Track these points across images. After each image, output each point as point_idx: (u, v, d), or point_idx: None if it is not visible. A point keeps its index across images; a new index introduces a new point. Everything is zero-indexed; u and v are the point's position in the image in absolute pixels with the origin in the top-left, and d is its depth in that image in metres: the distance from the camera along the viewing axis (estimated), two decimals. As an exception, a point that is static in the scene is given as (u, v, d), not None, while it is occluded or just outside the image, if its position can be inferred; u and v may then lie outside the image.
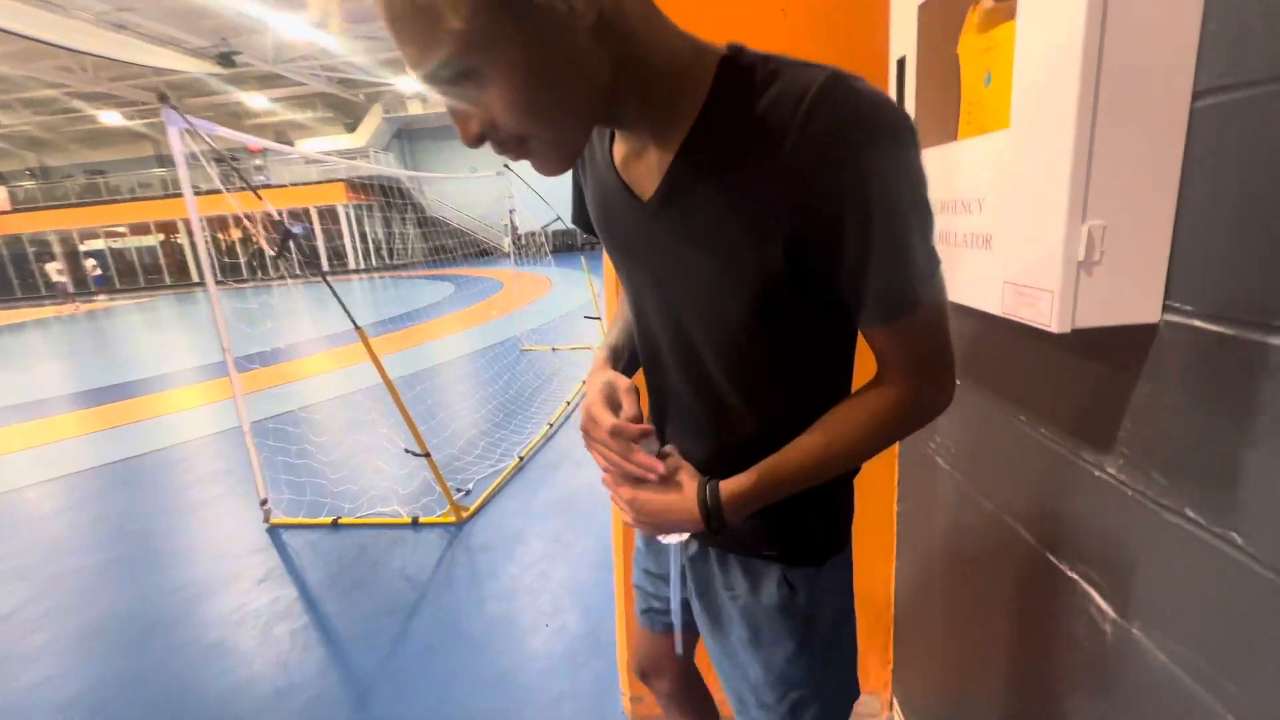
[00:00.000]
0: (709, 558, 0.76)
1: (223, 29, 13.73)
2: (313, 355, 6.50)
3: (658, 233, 0.57)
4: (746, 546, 0.71)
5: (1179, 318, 0.58)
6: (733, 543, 0.71)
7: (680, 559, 0.78)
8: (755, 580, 0.72)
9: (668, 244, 0.57)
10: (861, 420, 0.59)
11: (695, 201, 0.53)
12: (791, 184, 0.47)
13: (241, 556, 2.63)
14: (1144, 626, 0.65)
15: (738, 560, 0.72)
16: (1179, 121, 0.55)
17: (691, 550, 0.77)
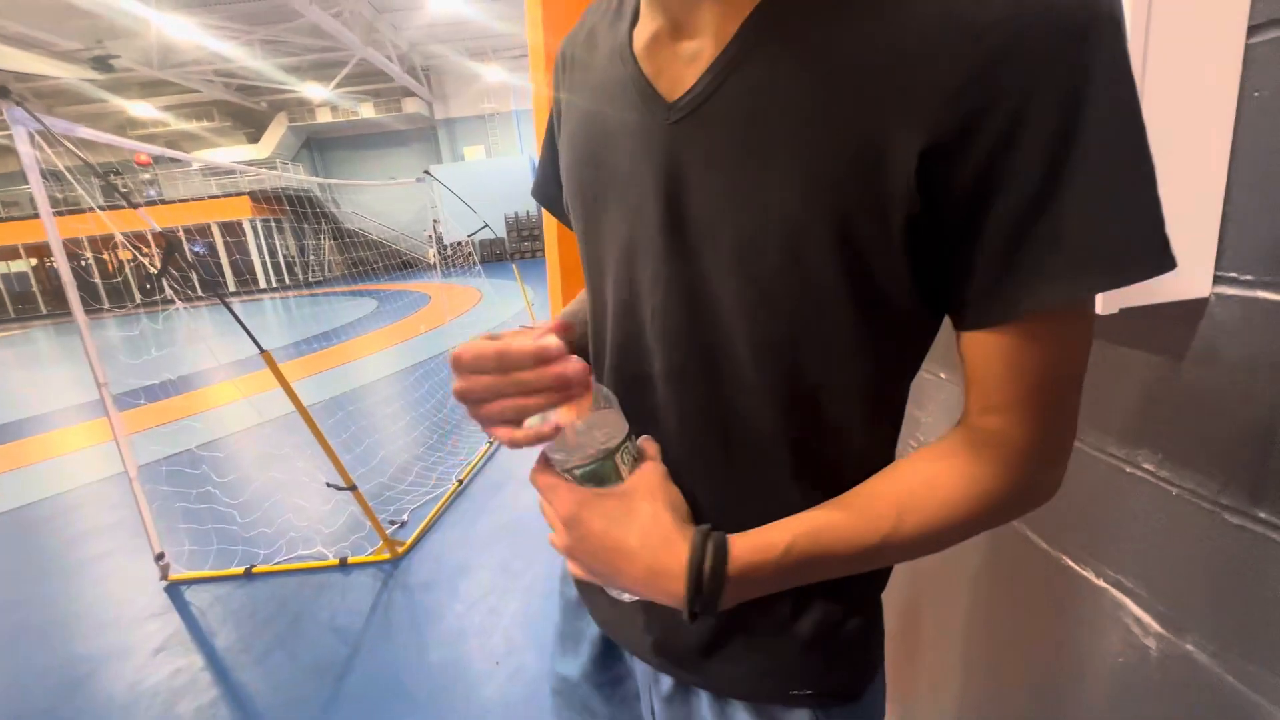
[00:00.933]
0: (695, 703, 0.51)
1: (96, 30, 12.45)
2: (212, 385, 5.88)
3: (687, 146, 0.38)
4: (763, 686, 0.47)
5: (1234, 289, 0.50)
6: (740, 682, 0.48)
7: (647, 694, 0.54)
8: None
9: (704, 162, 0.37)
10: (950, 491, 0.37)
11: (767, 85, 0.34)
12: (949, 59, 0.29)
13: (134, 623, 2.27)
14: (1201, 641, 0.57)
15: (747, 709, 0.48)
16: (1233, 58, 0.47)
17: (665, 688, 0.51)
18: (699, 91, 0.37)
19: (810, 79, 0.33)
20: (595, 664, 0.60)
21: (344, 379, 5.89)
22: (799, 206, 0.34)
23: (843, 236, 0.34)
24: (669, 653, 0.50)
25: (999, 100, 0.29)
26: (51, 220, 2.16)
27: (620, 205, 0.43)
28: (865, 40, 0.32)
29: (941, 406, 0.99)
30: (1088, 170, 0.30)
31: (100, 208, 2.50)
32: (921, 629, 1.14)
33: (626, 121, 0.42)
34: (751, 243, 0.37)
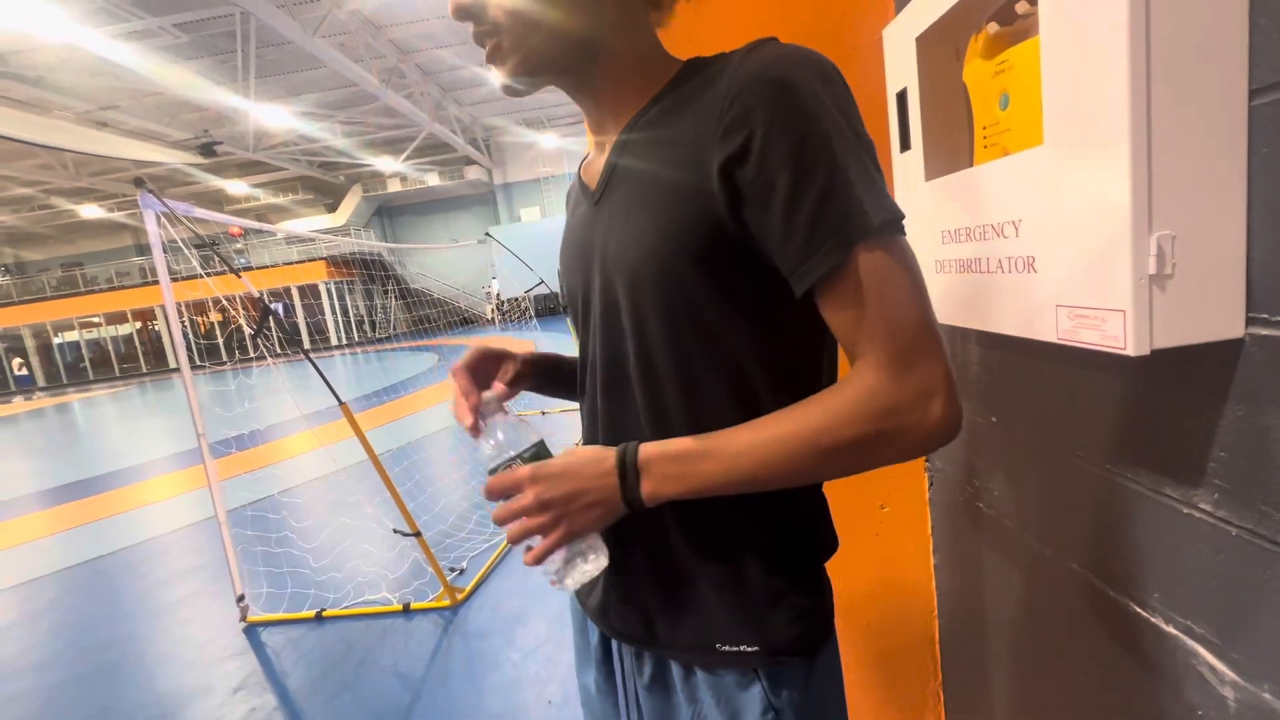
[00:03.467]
0: (669, 681, 0.60)
1: (205, 121, 14.14)
2: (293, 435, 6.29)
3: (602, 215, 0.58)
4: (712, 633, 0.56)
5: (1268, 330, 0.52)
6: (699, 631, 0.56)
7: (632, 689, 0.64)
8: (732, 705, 0.55)
9: (610, 221, 0.56)
10: (819, 409, 0.47)
11: (637, 161, 0.54)
12: (723, 109, 0.47)
13: (215, 663, 2.40)
14: (1277, 689, 0.55)
15: (708, 682, 0.57)
16: (1238, 119, 0.51)
17: (646, 676, 0.62)
18: (600, 183, 0.59)
19: (659, 148, 0.53)
20: (599, 669, 0.69)
21: (407, 430, 6.16)
22: (661, 216, 0.51)
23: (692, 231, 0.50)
24: (645, 622, 0.60)
25: (748, 140, 0.46)
26: (169, 287, 2.45)
27: (574, 274, 0.63)
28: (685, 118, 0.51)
29: (998, 451, 0.99)
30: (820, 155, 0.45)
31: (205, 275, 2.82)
32: (988, 681, 1.09)
33: (576, 213, 0.64)
34: (642, 253, 0.52)
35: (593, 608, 0.66)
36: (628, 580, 0.60)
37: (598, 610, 0.65)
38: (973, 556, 1.10)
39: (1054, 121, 0.60)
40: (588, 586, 0.64)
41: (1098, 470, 0.75)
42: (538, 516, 0.51)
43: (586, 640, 0.70)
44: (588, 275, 0.59)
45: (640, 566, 0.59)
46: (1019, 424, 0.91)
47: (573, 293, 0.65)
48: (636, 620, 0.60)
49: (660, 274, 0.51)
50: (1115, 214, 0.53)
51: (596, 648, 0.68)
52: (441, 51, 12.78)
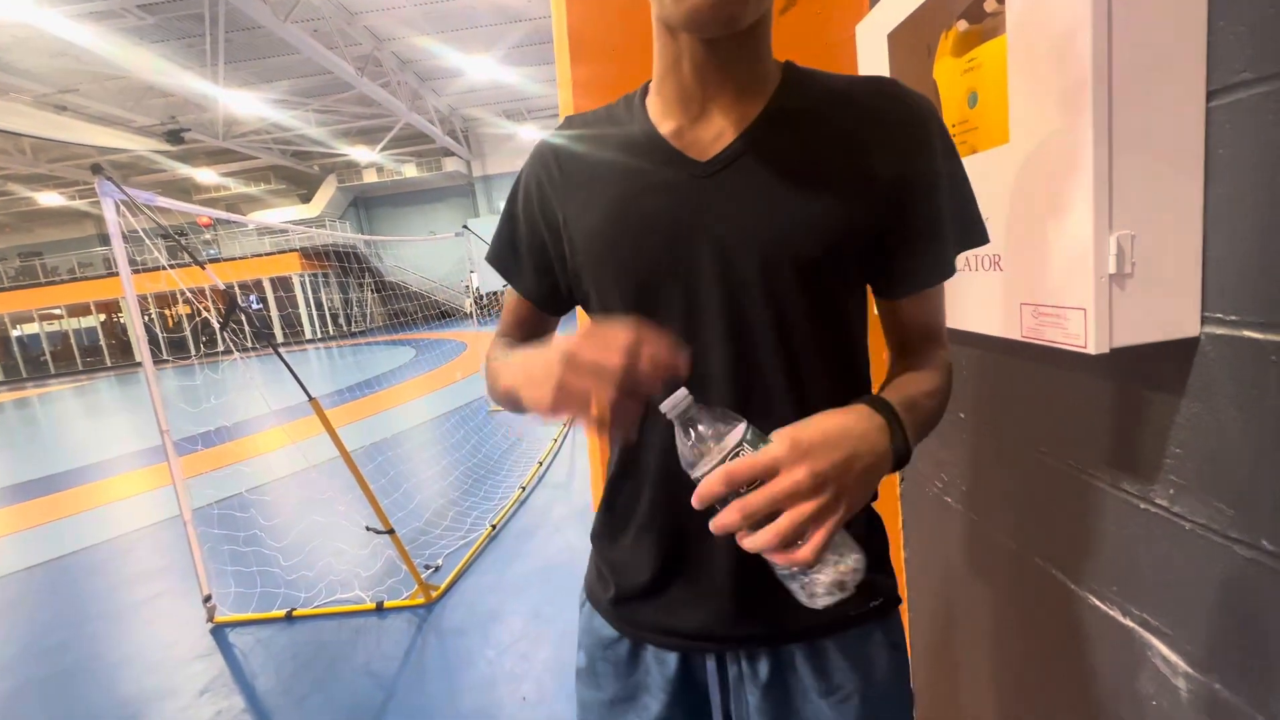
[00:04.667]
0: (792, 668, 0.59)
1: (171, 106, 13.68)
2: (262, 432, 6.13)
3: (721, 189, 0.54)
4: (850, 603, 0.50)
5: (1222, 329, 0.53)
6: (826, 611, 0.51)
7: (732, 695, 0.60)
8: (863, 657, 0.59)
9: (743, 198, 0.53)
10: (942, 373, 0.57)
11: (783, 148, 0.53)
12: (889, 129, 0.53)
13: (180, 664, 2.34)
14: (1228, 682, 0.57)
15: (836, 646, 0.58)
16: (1196, 121, 0.52)
17: (764, 675, 0.59)
18: (727, 156, 0.54)
19: (805, 150, 0.54)
20: (675, 700, 0.61)
21: (382, 425, 6.07)
22: (809, 205, 0.52)
23: (843, 225, 0.52)
24: (774, 620, 0.57)
25: (916, 156, 0.53)
26: (130, 279, 2.37)
27: (660, 245, 0.55)
28: (834, 128, 0.54)
29: (965, 447, 1.00)
30: (956, 193, 0.55)
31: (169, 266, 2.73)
32: (952, 669, 1.11)
33: (660, 180, 0.55)
34: (772, 236, 0.52)
35: (686, 628, 0.60)
36: (747, 580, 0.56)
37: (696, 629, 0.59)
38: (941, 549, 1.11)
39: (1019, 120, 0.60)
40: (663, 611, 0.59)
41: (1061, 466, 0.76)
42: (813, 499, 0.40)
43: (637, 681, 0.63)
44: (690, 255, 0.54)
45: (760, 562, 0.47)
46: (986, 420, 0.92)
47: (649, 275, 0.55)
48: (762, 621, 0.57)
49: (822, 260, 0.52)
50: (1077, 213, 0.54)
51: (672, 678, 0.61)
52: (419, 39, 12.54)
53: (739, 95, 0.54)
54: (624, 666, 0.64)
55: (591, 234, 0.58)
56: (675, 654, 0.61)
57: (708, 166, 0.54)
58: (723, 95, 0.54)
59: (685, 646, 0.61)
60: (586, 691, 0.68)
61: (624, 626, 0.63)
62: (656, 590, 0.60)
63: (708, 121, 0.55)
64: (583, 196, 0.59)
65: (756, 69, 0.54)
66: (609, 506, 0.64)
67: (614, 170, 0.58)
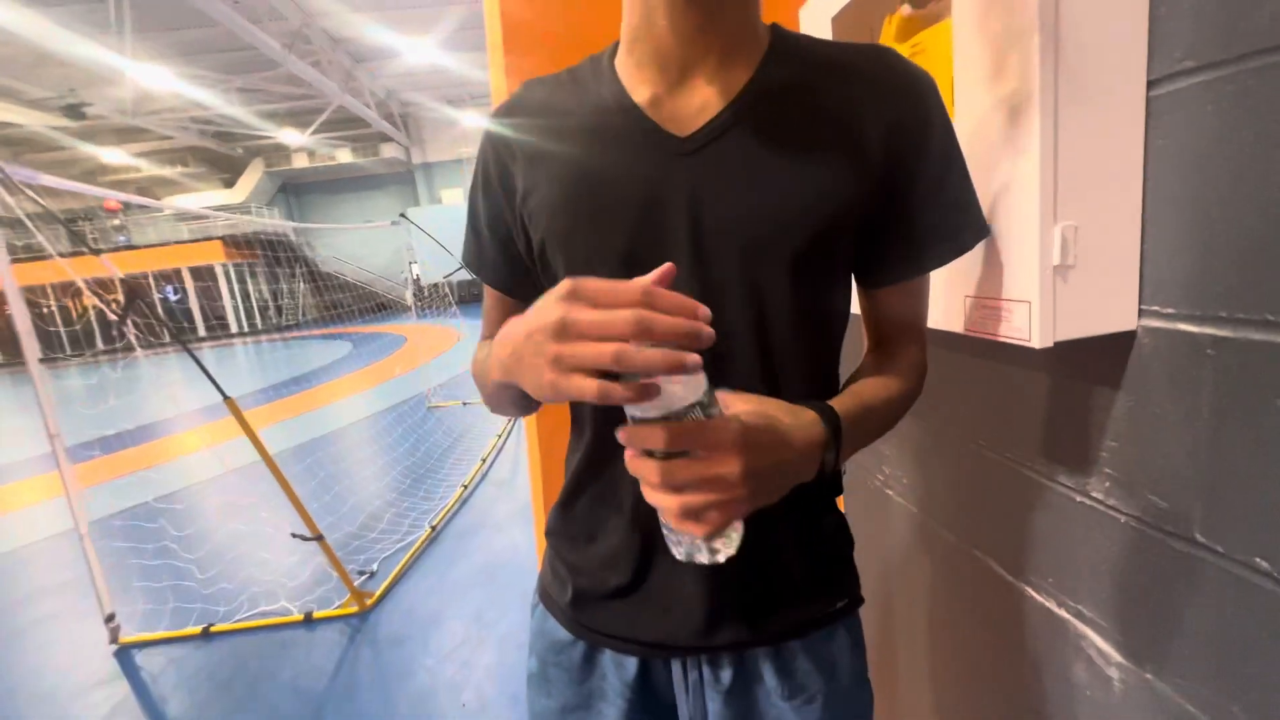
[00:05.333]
0: (756, 673, 0.57)
1: (70, 78, 12.46)
2: (175, 435, 5.68)
3: (704, 166, 0.49)
4: (817, 608, 0.57)
5: (1159, 322, 0.53)
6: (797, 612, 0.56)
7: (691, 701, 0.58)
8: (826, 658, 0.58)
9: (726, 175, 0.49)
10: (903, 381, 0.54)
11: (770, 123, 0.49)
12: (885, 101, 0.49)
13: (78, 693, 2.12)
14: (1160, 671, 0.57)
15: (802, 647, 0.57)
16: (1137, 111, 0.51)
17: (726, 681, 0.57)
18: (709, 131, 0.49)
19: (795, 126, 0.49)
20: (631, 706, 0.59)
21: (315, 424, 5.75)
22: (799, 180, 0.48)
23: (832, 201, 0.48)
24: (744, 629, 0.55)
25: (910, 132, 0.49)
26: (7, 267, 2.11)
27: (635, 224, 0.50)
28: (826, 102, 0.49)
29: (907, 440, 1.00)
30: (951, 182, 0.51)
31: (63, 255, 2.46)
32: (890, 660, 1.12)
33: (634, 157, 0.50)
34: (756, 215, 0.48)
35: (649, 637, 0.57)
36: (717, 590, 0.54)
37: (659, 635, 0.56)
38: (882, 542, 1.12)
39: (964, 108, 0.59)
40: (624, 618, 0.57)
41: (999, 459, 0.76)
42: (733, 491, 0.39)
43: (592, 688, 0.60)
44: (667, 241, 0.49)
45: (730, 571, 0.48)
46: (927, 413, 0.92)
47: (625, 263, 0.50)
48: (731, 628, 0.55)
49: (797, 243, 0.48)
50: (1023, 203, 0.52)
51: (631, 685, 0.58)
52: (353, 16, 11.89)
53: (724, 60, 0.49)
54: (578, 671, 0.61)
55: (555, 213, 0.52)
56: (635, 658, 0.58)
57: (689, 143, 0.49)
58: (706, 59, 0.49)
59: (647, 653, 0.58)
60: (538, 699, 0.64)
61: (581, 630, 0.60)
62: (621, 595, 0.57)
63: (689, 90, 0.50)
64: (545, 170, 0.53)
65: (744, 29, 0.49)
66: (571, 502, 0.60)
67: (580, 141, 0.52)
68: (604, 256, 0.50)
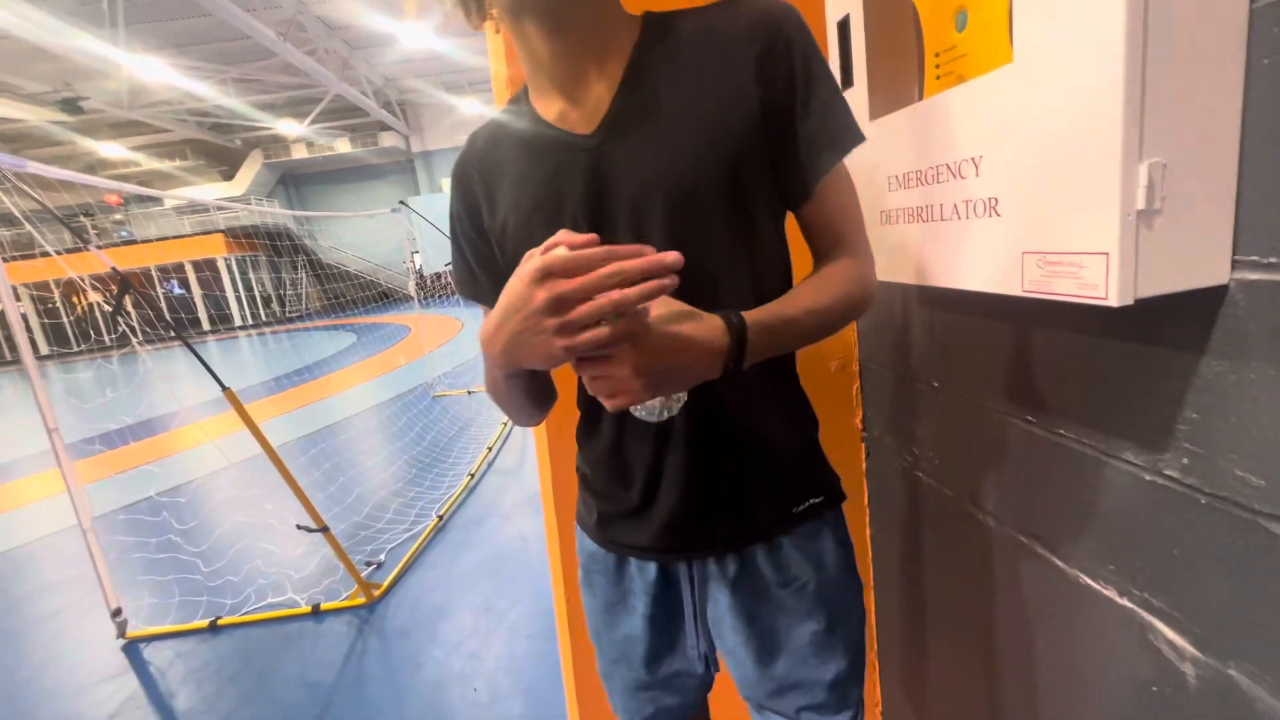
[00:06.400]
0: (754, 566, 0.67)
1: (66, 72, 12.34)
2: (179, 429, 5.64)
3: (611, 153, 0.57)
4: (787, 502, 0.66)
5: (1257, 274, 0.46)
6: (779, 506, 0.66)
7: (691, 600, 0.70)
8: (814, 550, 0.68)
9: (632, 154, 0.56)
10: (841, 279, 0.59)
11: (656, 95, 0.56)
12: (750, 35, 0.55)
13: (86, 688, 2.10)
14: (1246, 668, 0.51)
15: (791, 545, 0.67)
16: (1238, 23, 0.44)
17: (732, 573, 0.67)
18: (606, 120, 0.57)
19: (675, 89, 0.56)
20: (655, 603, 0.70)
21: (320, 415, 5.72)
22: (697, 135, 0.55)
23: (730, 146, 0.55)
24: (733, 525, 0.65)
25: (778, 60, 0.55)
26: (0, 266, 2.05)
27: (559, 219, 0.59)
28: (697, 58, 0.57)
29: (939, 417, 0.93)
30: (820, 91, 0.57)
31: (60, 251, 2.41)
32: (921, 660, 1.07)
33: (558, 163, 0.59)
34: (668, 179, 0.55)
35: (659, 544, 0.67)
36: (706, 498, 0.64)
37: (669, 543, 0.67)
38: (911, 527, 1.06)
39: (1027, 33, 0.51)
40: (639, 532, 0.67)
41: (1048, 435, 0.70)
42: (629, 382, 0.48)
43: (625, 588, 0.72)
44: (607, 222, 0.58)
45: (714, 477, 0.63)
46: (963, 388, 0.85)
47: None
48: (724, 526, 0.65)
49: (712, 188, 0.55)
50: (1102, 139, 0.45)
51: (654, 584, 0.70)
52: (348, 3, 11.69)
53: (601, 59, 0.57)
54: (613, 575, 0.73)
55: (515, 234, 0.61)
56: (654, 563, 0.69)
57: (593, 137, 0.57)
58: (586, 66, 0.57)
59: (662, 558, 0.69)
60: (587, 599, 0.77)
61: (608, 544, 0.72)
62: (634, 512, 0.67)
63: (585, 95, 0.58)
64: (501, 202, 0.63)
65: (610, 30, 0.57)
66: (583, 442, 0.71)
67: (520, 170, 0.61)
68: None
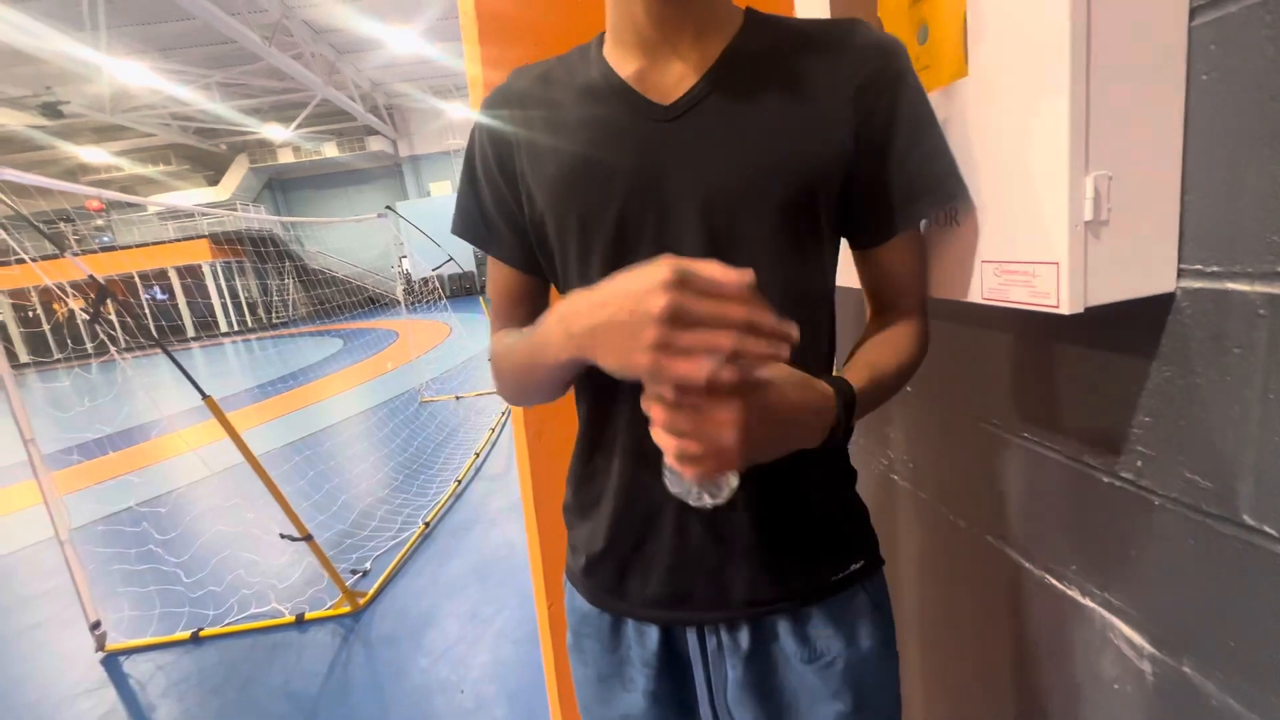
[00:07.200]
0: (773, 635, 0.58)
1: (44, 76, 12.18)
2: (156, 438, 5.54)
3: (684, 135, 0.52)
4: (830, 568, 0.57)
5: (1201, 282, 0.48)
6: (810, 573, 0.57)
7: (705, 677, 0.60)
8: (847, 621, 0.58)
9: (708, 142, 0.51)
10: (907, 344, 0.55)
11: (750, 83, 0.52)
12: (853, 64, 0.51)
13: (64, 702, 2.07)
14: (1200, 664, 0.53)
15: (820, 611, 0.57)
16: (1178, 42, 0.45)
17: (745, 645, 0.58)
18: (690, 99, 0.52)
19: (769, 90, 0.52)
20: (661, 678, 0.60)
21: (306, 422, 5.67)
22: (777, 146, 0.51)
23: (812, 165, 0.51)
24: (751, 587, 0.56)
25: (883, 93, 0.51)
26: (-27, 267, 2.02)
27: (628, 191, 0.52)
28: (797, 68, 0.52)
29: (912, 421, 0.95)
30: (926, 135, 0.53)
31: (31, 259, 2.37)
32: (905, 658, 1.08)
33: (621, 126, 0.53)
34: (742, 179, 0.51)
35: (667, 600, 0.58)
36: (726, 550, 0.56)
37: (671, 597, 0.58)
38: (886, 529, 1.07)
39: (980, 47, 0.53)
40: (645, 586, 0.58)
41: (1014, 439, 0.71)
42: (728, 446, 0.40)
43: (622, 656, 0.62)
44: (658, 203, 0.52)
45: (739, 530, 0.55)
46: (933, 393, 0.87)
47: (619, 221, 0.52)
48: (742, 590, 0.56)
49: (777, 203, 0.51)
50: (1050, 152, 0.46)
51: (656, 651, 0.60)
52: (334, 7, 11.65)
53: (699, 37, 0.53)
54: (608, 640, 0.63)
55: (553, 185, 0.55)
56: (655, 627, 0.59)
57: (671, 110, 0.52)
58: (682, 38, 0.52)
59: (663, 618, 0.59)
60: (578, 669, 0.67)
61: (601, 599, 0.62)
62: (630, 558, 0.58)
63: (669, 65, 0.53)
64: (541, 146, 0.56)
65: (716, 10, 0.53)
66: (578, 480, 0.63)
67: (573, 117, 0.55)
68: (598, 219, 0.53)
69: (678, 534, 0.56)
